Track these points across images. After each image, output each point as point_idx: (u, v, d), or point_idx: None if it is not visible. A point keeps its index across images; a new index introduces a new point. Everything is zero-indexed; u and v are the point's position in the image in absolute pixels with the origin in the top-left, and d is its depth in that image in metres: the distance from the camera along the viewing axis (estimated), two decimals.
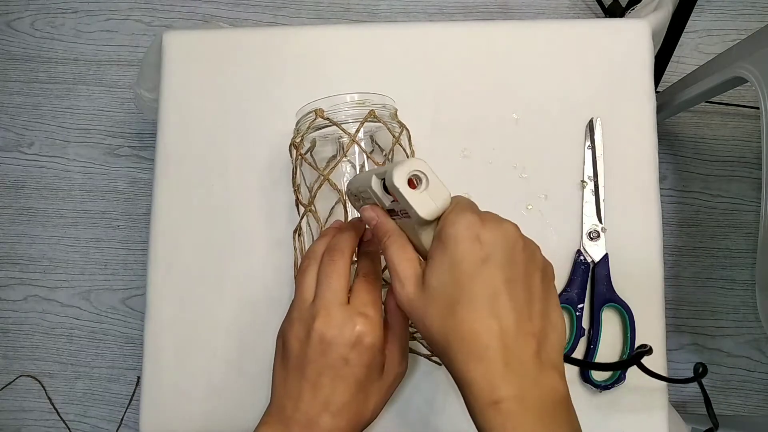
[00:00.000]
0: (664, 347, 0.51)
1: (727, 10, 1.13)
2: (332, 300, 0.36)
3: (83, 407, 1.12)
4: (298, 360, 0.36)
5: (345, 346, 0.34)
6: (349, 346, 0.34)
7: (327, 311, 0.35)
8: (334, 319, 0.35)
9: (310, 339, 0.35)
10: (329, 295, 0.36)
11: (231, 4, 1.20)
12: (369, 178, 0.35)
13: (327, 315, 0.35)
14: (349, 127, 0.45)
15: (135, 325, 1.13)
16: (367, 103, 0.45)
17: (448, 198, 0.33)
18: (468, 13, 1.17)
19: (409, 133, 0.50)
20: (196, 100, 0.57)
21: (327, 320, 0.35)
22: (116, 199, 1.16)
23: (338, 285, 0.36)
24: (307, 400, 0.35)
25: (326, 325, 0.35)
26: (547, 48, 0.56)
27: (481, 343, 0.29)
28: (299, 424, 0.35)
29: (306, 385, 0.35)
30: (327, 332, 0.35)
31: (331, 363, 0.35)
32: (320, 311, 0.35)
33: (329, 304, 0.35)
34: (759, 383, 1.03)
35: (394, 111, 0.48)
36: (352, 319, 0.35)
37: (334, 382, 0.35)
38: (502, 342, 0.29)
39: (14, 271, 1.16)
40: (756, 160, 1.07)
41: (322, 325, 0.35)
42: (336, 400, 0.35)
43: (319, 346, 0.35)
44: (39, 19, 1.22)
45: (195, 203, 0.55)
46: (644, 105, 0.54)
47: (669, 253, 1.06)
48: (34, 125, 1.19)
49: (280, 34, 0.59)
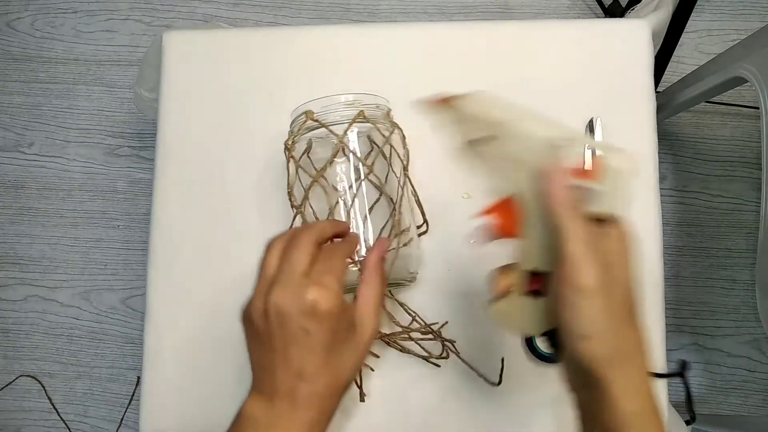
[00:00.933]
0: (664, 347, 0.51)
1: (727, 10, 1.13)
2: (289, 272, 0.36)
3: (83, 407, 1.12)
4: (265, 335, 0.36)
5: (301, 315, 0.34)
6: (305, 315, 0.34)
7: (283, 283, 0.35)
8: (288, 290, 0.35)
9: (268, 312, 0.35)
10: (287, 267, 0.36)
11: (231, 4, 1.20)
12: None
13: (282, 287, 0.35)
14: (342, 128, 0.45)
15: (135, 325, 1.13)
16: (356, 104, 0.45)
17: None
18: (468, 13, 1.17)
19: (403, 133, 0.50)
20: (196, 100, 0.57)
21: (282, 292, 0.35)
22: (116, 199, 1.16)
23: (297, 258, 0.36)
24: (281, 372, 0.35)
25: (281, 296, 0.35)
26: (546, 48, 0.56)
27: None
28: (279, 395, 0.35)
29: (277, 358, 0.35)
30: (282, 304, 0.35)
31: (293, 333, 0.35)
32: (277, 284, 0.36)
33: (285, 277, 0.36)
34: (759, 383, 1.03)
35: (387, 111, 0.48)
36: (306, 289, 0.35)
37: (302, 351, 0.35)
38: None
39: (14, 271, 1.16)
40: (756, 160, 1.07)
41: (278, 297, 0.35)
42: (308, 369, 0.35)
43: (277, 318, 0.35)
44: (39, 19, 1.22)
45: (195, 203, 0.55)
46: (644, 105, 0.54)
47: (669, 253, 1.06)
48: (34, 125, 1.19)
49: (280, 34, 0.59)
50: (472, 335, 0.51)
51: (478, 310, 0.52)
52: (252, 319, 0.36)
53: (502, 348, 0.51)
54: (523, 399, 0.51)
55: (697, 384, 1.03)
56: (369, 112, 0.46)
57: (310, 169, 0.46)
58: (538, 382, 0.51)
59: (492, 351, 0.51)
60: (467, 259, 0.51)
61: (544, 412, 0.50)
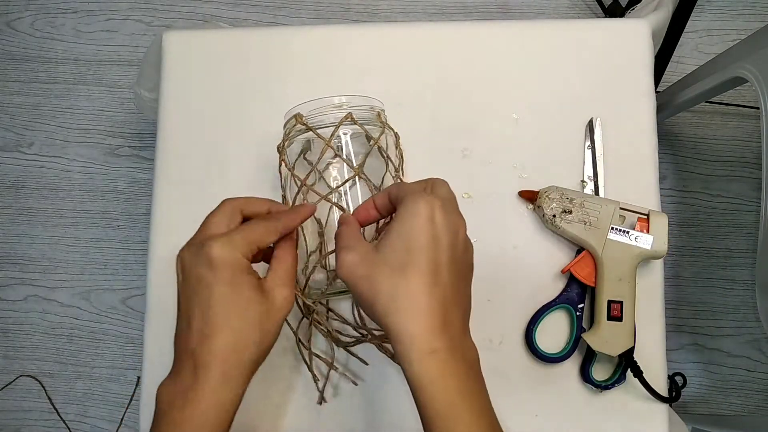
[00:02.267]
0: (664, 347, 0.51)
1: (727, 10, 1.13)
2: (202, 231, 0.37)
3: (83, 407, 1.12)
4: (177, 296, 0.36)
5: (197, 266, 0.35)
6: (201, 264, 0.34)
7: (190, 241, 0.36)
8: (193, 245, 0.36)
9: (177, 270, 0.36)
10: (201, 228, 0.37)
11: (231, 4, 1.20)
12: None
13: (189, 244, 0.36)
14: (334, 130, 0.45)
15: (135, 325, 1.13)
16: (345, 106, 0.45)
17: None
18: (468, 13, 1.17)
19: (396, 133, 0.50)
20: (196, 100, 0.57)
21: (187, 248, 0.36)
22: (116, 199, 1.16)
23: (212, 219, 0.37)
24: (184, 336, 0.35)
25: (186, 251, 0.36)
26: (547, 48, 0.56)
27: (425, 302, 0.33)
28: (181, 365, 0.35)
29: (182, 321, 0.36)
30: (183, 256, 0.36)
31: (192, 287, 0.35)
32: (187, 243, 0.36)
33: (195, 236, 0.37)
34: (759, 383, 1.03)
35: (378, 112, 0.48)
36: (206, 242, 0.35)
37: (201, 305, 0.34)
38: (441, 305, 0.34)
39: (14, 271, 1.16)
40: (756, 160, 1.07)
41: (184, 251, 0.36)
42: (207, 324, 0.34)
43: (182, 274, 0.36)
44: (39, 19, 1.22)
45: (195, 203, 0.55)
46: (644, 105, 0.54)
47: (669, 253, 1.05)
48: (34, 125, 1.19)
49: (280, 34, 0.59)
50: None
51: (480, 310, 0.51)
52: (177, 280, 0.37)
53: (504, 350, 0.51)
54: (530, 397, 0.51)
55: (697, 384, 1.03)
56: (360, 114, 0.45)
57: (307, 170, 0.46)
58: (539, 383, 0.51)
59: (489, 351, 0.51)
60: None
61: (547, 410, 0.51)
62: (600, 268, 0.49)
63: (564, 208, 0.49)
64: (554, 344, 0.51)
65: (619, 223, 0.49)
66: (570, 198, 0.50)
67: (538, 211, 0.51)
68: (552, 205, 0.50)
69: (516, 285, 0.52)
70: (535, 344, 0.50)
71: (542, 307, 0.50)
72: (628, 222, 0.49)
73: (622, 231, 0.49)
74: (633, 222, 0.49)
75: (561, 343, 0.51)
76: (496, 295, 0.52)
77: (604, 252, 0.48)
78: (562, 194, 0.50)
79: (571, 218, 0.49)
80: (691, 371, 1.04)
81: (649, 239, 0.48)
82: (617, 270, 0.48)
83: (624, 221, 0.49)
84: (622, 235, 0.49)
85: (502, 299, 0.52)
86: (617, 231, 0.49)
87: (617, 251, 0.48)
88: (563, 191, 0.50)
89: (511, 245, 0.52)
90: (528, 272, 0.52)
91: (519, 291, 0.52)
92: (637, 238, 0.48)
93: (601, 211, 0.49)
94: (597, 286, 0.49)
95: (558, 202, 0.50)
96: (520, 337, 0.51)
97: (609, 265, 0.48)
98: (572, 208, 0.49)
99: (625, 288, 0.48)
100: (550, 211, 0.50)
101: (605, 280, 0.48)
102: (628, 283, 0.48)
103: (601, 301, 0.48)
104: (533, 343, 0.50)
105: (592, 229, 0.49)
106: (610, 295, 0.48)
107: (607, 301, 0.48)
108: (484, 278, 0.52)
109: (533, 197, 0.51)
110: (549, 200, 0.50)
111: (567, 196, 0.50)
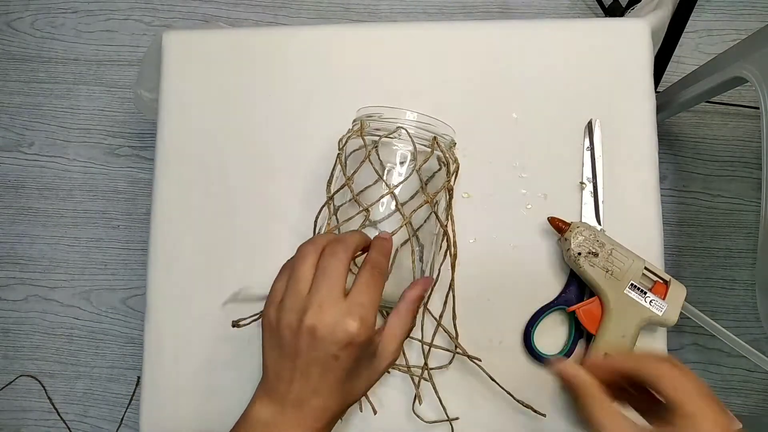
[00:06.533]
0: (665, 347, 0.51)
1: (727, 10, 1.13)
2: (327, 295, 0.35)
3: (83, 407, 1.12)
4: (289, 348, 0.36)
5: (335, 344, 0.34)
6: (340, 345, 0.34)
7: (321, 307, 0.35)
8: (327, 316, 0.35)
9: (301, 331, 0.35)
10: (325, 290, 0.35)
11: (231, 4, 1.20)
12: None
13: (320, 311, 0.35)
14: (399, 144, 0.45)
15: (135, 325, 1.13)
16: (426, 126, 0.45)
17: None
18: (468, 13, 1.17)
19: (458, 164, 0.50)
20: (196, 100, 0.57)
21: (320, 316, 0.35)
22: (116, 199, 1.16)
23: (336, 279, 0.36)
24: (297, 385, 0.36)
25: (319, 321, 0.34)
26: (547, 48, 0.56)
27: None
28: (291, 403, 0.36)
29: (297, 374, 0.36)
30: (319, 328, 0.35)
31: (321, 358, 0.35)
32: (314, 305, 0.35)
33: (324, 300, 0.35)
34: (759, 383, 1.03)
35: (452, 143, 0.48)
36: (345, 320, 0.34)
37: (325, 373, 0.35)
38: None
39: (14, 271, 1.16)
40: (756, 160, 1.07)
41: (315, 320, 0.35)
42: (325, 388, 0.36)
43: (309, 340, 0.35)
44: (39, 19, 1.22)
45: (195, 203, 0.55)
46: (644, 105, 0.54)
47: (669, 253, 1.06)
48: (34, 125, 1.19)
49: (280, 34, 0.59)
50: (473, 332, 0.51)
51: (479, 310, 0.52)
52: (278, 329, 0.36)
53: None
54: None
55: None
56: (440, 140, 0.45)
57: (368, 167, 0.46)
58: (539, 382, 0.51)
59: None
60: (467, 258, 0.51)
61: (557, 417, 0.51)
62: (606, 319, 0.48)
63: (591, 249, 0.48)
64: (553, 345, 0.51)
65: (638, 281, 0.48)
66: (601, 242, 0.48)
67: (563, 243, 0.49)
68: (581, 242, 0.48)
69: (515, 285, 0.52)
70: (533, 345, 0.50)
71: (541, 308, 0.50)
72: (647, 283, 0.48)
73: (640, 290, 0.48)
74: (651, 284, 0.48)
75: (560, 345, 0.51)
76: (496, 295, 0.52)
77: (616, 305, 0.47)
78: (595, 235, 0.49)
79: (596, 262, 0.48)
80: (692, 371, 1.04)
81: (663, 306, 0.47)
82: (622, 326, 0.47)
83: (644, 281, 0.48)
84: (638, 294, 0.48)
85: (501, 299, 0.52)
86: (635, 289, 0.48)
87: (628, 308, 0.47)
88: (596, 233, 0.49)
89: (510, 245, 0.52)
90: (527, 272, 0.52)
91: (518, 291, 0.52)
92: (652, 302, 0.47)
93: (626, 265, 0.48)
94: (597, 336, 0.48)
95: (589, 242, 0.48)
96: (519, 337, 0.51)
97: (616, 319, 0.47)
98: (599, 252, 0.48)
99: (625, 346, 0.47)
100: (577, 248, 0.48)
101: (608, 332, 0.47)
102: (629, 341, 0.47)
103: (598, 352, 0.48)
104: (531, 344, 0.50)
105: (612, 279, 0.48)
106: (608, 349, 0.47)
107: (604, 354, 0.47)
108: (484, 278, 0.52)
109: (564, 228, 0.50)
110: (580, 237, 0.49)
111: (598, 239, 0.48)
